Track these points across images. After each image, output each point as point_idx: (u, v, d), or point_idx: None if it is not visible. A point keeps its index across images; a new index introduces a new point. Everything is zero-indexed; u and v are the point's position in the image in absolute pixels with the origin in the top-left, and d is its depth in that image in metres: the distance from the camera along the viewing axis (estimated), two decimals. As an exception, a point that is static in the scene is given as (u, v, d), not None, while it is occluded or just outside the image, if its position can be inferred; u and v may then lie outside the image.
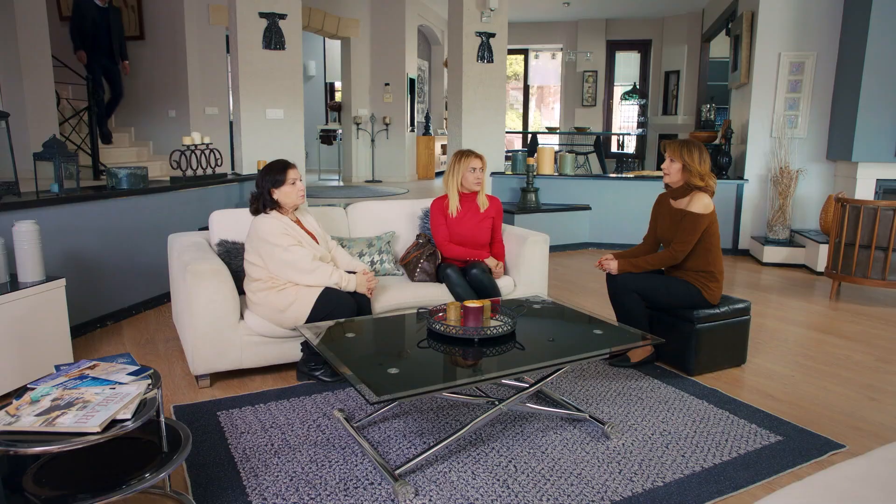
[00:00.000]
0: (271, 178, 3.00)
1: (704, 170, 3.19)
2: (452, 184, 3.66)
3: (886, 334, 3.96)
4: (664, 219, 3.36)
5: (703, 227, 3.17)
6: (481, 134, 6.82)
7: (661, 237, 3.39)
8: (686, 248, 3.18)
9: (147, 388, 1.84)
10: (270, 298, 2.97)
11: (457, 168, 3.64)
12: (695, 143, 3.24)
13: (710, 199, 3.20)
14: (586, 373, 3.23)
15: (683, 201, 3.25)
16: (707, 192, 3.20)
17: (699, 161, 3.18)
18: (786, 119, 6.16)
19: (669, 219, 3.31)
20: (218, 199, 5.11)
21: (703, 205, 3.16)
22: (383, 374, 2.21)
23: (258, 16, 5.66)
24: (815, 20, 5.98)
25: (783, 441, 2.53)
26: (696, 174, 3.18)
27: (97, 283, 3.88)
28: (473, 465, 2.32)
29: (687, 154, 3.19)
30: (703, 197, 3.18)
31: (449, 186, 3.68)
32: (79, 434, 1.55)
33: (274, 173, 3.01)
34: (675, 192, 3.29)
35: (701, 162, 3.18)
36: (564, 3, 10.62)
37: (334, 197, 8.18)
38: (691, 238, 3.17)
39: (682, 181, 3.24)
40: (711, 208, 3.19)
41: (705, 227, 3.17)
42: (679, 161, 3.21)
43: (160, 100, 7.99)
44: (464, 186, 3.66)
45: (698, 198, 3.18)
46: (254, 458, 2.37)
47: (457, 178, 3.64)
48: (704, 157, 3.20)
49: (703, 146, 3.25)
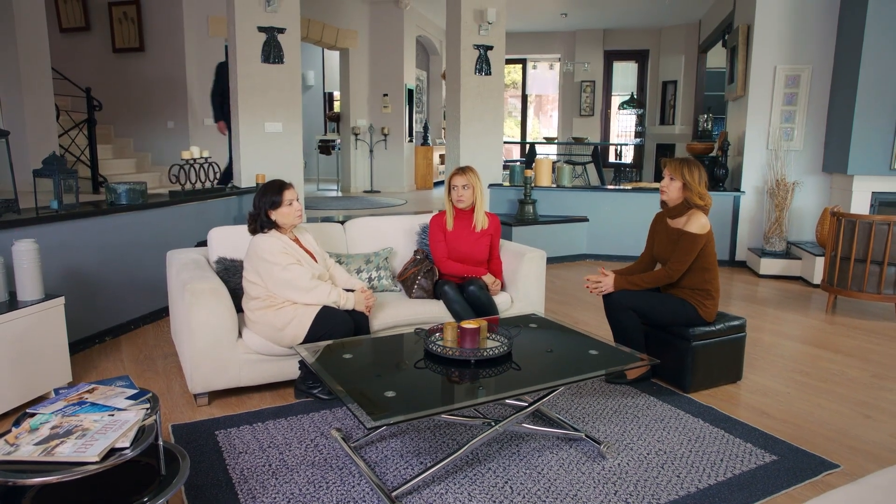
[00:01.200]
0: (268, 199, 3.02)
1: (703, 189, 3.23)
2: (447, 200, 3.73)
3: (881, 349, 3.98)
4: (661, 238, 3.38)
5: (700, 247, 3.19)
6: (479, 145, 6.85)
7: (657, 256, 3.42)
8: (682, 268, 3.21)
9: (145, 413, 1.85)
10: (269, 317, 2.98)
11: (447, 186, 3.72)
12: (694, 161, 3.28)
13: (706, 218, 3.22)
14: (583, 390, 3.24)
15: (681, 220, 3.27)
16: (704, 210, 3.23)
17: (699, 179, 3.21)
18: (782, 131, 6.20)
19: (666, 238, 3.33)
20: (217, 214, 5.13)
21: (700, 225, 3.19)
22: (380, 397, 2.22)
23: (257, 30, 5.69)
24: (810, 34, 6.03)
25: (778, 461, 2.55)
26: (695, 192, 3.21)
27: (96, 298, 3.89)
28: (470, 486, 2.33)
29: (688, 172, 3.21)
30: (701, 217, 3.21)
31: (445, 203, 3.74)
32: (78, 464, 1.56)
33: (271, 194, 3.02)
34: (672, 211, 3.31)
35: (700, 181, 3.22)
36: (562, 14, 10.68)
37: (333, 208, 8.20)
38: (688, 258, 3.19)
39: (680, 199, 3.26)
40: (708, 228, 3.22)
41: (702, 246, 3.20)
42: (679, 179, 3.23)
43: (159, 111, 8.02)
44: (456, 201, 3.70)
45: (696, 217, 3.20)
46: (252, 479, 2.38)
47: (454, 193, 3.69)
48: (703, 175, 3.24)
49: (701, 165, 3.28)
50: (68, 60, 7.76)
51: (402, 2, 10.08)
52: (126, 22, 7.89)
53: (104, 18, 7.97)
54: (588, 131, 12.07)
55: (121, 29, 7.93)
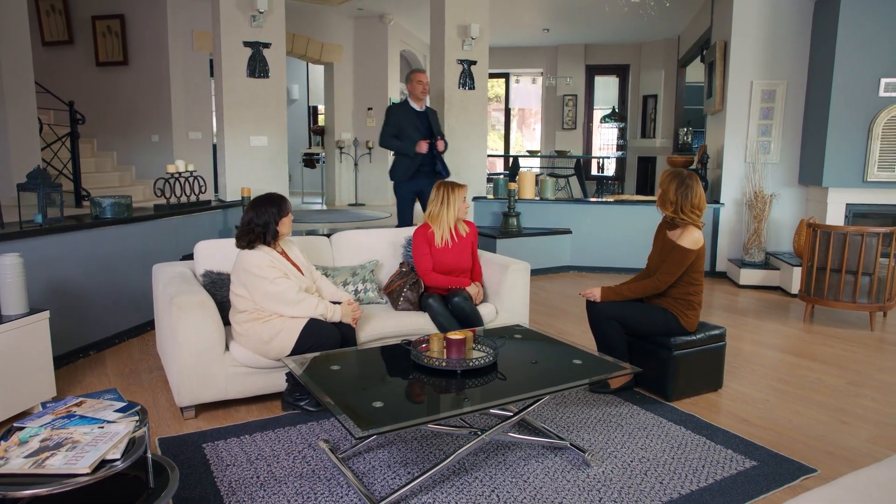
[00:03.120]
0: (277, 209, 3.05)
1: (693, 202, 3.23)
2: (448, 215, 3.70)
3: (857, 357, 4.08)
4: (657, 246, 3.45)
5: (690, 262, 3.25)
6: (463, 159, 6.92)
7: (650, 263, 3.48)
8: (670, 280, 3.26)
9: (135, 425, 1.87)
10: (256, 329, 3.00)
11: (452, 199, 3.69)
12: (679, 173, 3.28)
13: (700, 234, 3.26)
14: (567, 400, 3.29)
15: (676, 233, 3.31)
16: (697, 225, 3.26)
17: (674, 191, 3.24)
18: (759, 145, 6.34)
19: (662, 247, 3.38)
20: (202, 227, 5.13)
21: (693, 240, 3.23)
22: (368, 408, 2.25)
23: (242, 45, 5.73)
24: (785, 50, 6.20)
25: (757, 466, 2.61)
26: (667, 202, 3.26)
27: (80, 312, 3.87)
28: (457, 495, 2.36)
29: (667, 182, 3.27)
30: (695, 232, 3.24)
31: (441, 219, 3.70)
32: (69, 476, 1.57)
33: (279, 203, 3.06)
34: (670, 223, 3.35)
35: (680, 194, 3.23)
36: (544, 30, 10.85)
37: (318, 221, 8.21)
38: (677, 270, 3.25)
39: (665, 210, 3.31)
40: (701, 244, 3.25)
41: (692, 261, 3.26)
42: (660, 188, 3.31)
43: (143, 124, 8.01)
44: (457, 217, 3.73)
45: (689, 232, 3.24)
46: (240, 491, 2.39)
47: (453, 209, 3.70)
48: (691, 189, 3.23)
49: (696, 179, 3.27)
50: (51, 74, 7.72)
51: (387, 17, 10.17)
52: (110, 36, 7.89)
53: (87, 32, 7.96)
54: (571, 144, 12.22)
55: (104, 42, 7.92)
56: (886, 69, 5.42)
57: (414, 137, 5.47)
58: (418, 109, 5.58)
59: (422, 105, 5.62)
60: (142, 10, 7.80)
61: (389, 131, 5.57)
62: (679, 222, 3.28)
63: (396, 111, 5.64)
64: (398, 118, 5.54)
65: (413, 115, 5.56)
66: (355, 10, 9.79)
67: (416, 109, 5.58)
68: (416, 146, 5.44)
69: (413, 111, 5.57)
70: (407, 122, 5.52)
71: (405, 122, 5.52)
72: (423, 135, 5.50)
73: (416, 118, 5.55)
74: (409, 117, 5.54)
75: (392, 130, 5.56)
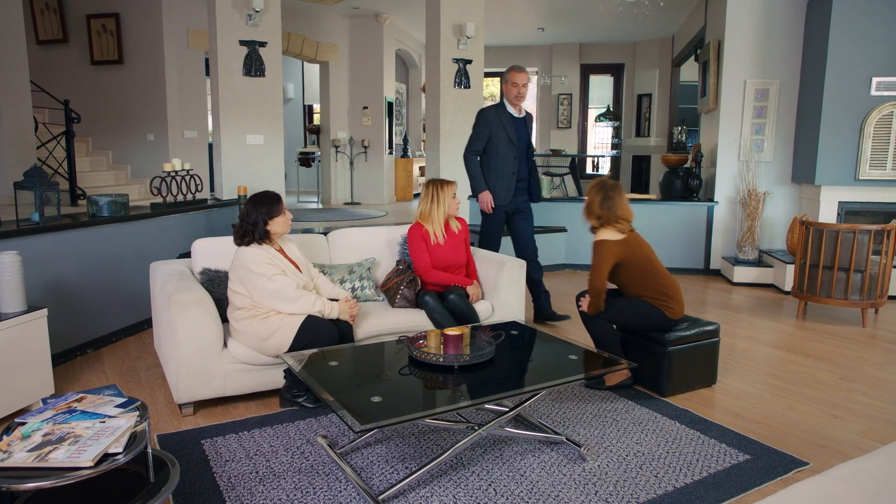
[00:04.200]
0: (267, 208, 3.06)
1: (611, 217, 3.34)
2: (439, 213, 3.74)
3: (849, 353, 4.13)
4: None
5: (608, 256, 3.30)
6: (459, 158, 6.90)
7: None
8: (594, 276, 3.32)
9: (136, 420, 1.88)
10: (254, 326, 3.02)
11: (442, 197, 3.74)
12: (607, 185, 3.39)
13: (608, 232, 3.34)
14: (563, 395, 3.32)
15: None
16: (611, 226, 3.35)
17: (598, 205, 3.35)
18: (752, 143, 6.39)
19: None
20: (199, 226, 5.14)
21: (603, 236, 3.34)
22: (367, 402, 2.27)
23: (238, 43, 5.74)
24: (778, 49, 6.25)
25: (751, 460, 2.64)
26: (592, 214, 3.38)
27: (77, 310, 3.88)
28: (455, 489, 2.39)
29: (592, 194, 3.40)
30: (604, 230, 3.35)
31: (433, 217, 3.74)
32: (72, 469, 1.59)
33: (269, 204, 3.07)
34: None
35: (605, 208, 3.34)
36: (539, 29, 10.88)
37: (314, 220, 8.22)
38: (596, 265, 3.32)
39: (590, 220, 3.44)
40: (615, 239, 3.32)
41: (611, 255, 3.30)
42: (586, 198, 3.46)
43: (138, 123, 8.01)
44: (448, 213, 3.76)
45: (601, 230, 3.37)
46: (239, 486, 2.41)
47: (443, 206, 3.73)
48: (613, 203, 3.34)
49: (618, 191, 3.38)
50: (46, 73, 7.72)
51: (382, 16, 10.19)
52: (105, 34, 7.88)
53: (82, 31, 7.95)
54: (565, 143, 12.27)
55: (99, 41, 7.92)
56: (878, 68, 5.47)
57: (502, 152, 4.53)
58: (516, 115, 4.58)
59: (520, 110, 4.62)
60: (137, 9, 7.79)
61: (475, 140, 4.59)
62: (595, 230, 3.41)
63: (488, 115, 4.59)
64: (487, 124, 4.56)
65: (509, 121, 4.54)
66: (351, 9, 9.81)
67: (514, 115, 4.57)
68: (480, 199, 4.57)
69: (509, 117, 4.55)
70: (498, 130, 4.53)
71: (496, 130, 4.53)
72: (515, 148, 4.55)
73: (511, 126, 4.54)
74: (503, 124, 4.53)
75: (479, 140, 4.57)
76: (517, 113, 4.59)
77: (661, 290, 3.36)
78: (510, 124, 4.54)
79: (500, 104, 4.62)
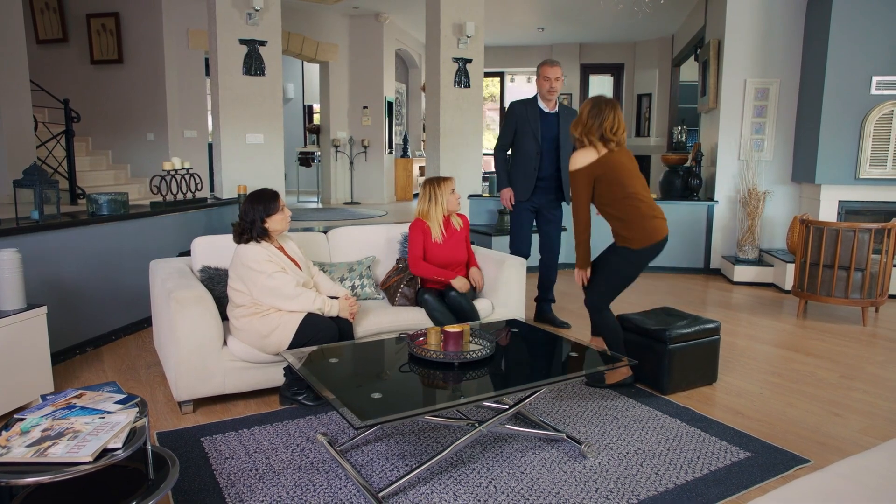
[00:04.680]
0: (264, 206, 3.05)
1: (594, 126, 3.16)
2: (438, 211, 3.72)
3: (849, 351, 4.12)
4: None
5: (580, 184, 3.21)
6: (459, 157, 6.94)
7: None
8: (575, 204, 3.30)
9: (136, 416, 1.88)
10: (254, 324, 3.01)
11: (439, 194, 3.72)
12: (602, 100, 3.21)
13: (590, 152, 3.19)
14: (563, 393, 3.31)
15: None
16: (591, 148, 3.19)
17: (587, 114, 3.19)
18: (752, 143, 6.39)
19: None
20: (198, 224, 5.14)
21: (576, 162, 3.21)
22: (367, 399, 2.27)
23: (238, 42, 5.74)
24: (778, 48, 6.24)
25: (752, 457, 2.64)
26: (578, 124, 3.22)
27: (77, 309, 3.88)
28: (455, 486, 2.38)
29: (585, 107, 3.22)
30: (582, 152, 3.21)
31: (433, 215, 3.72)
32: (71, 464, 1.59)
33: (267, 201, 3.07)
34: None
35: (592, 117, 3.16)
36: (539, 29, 10.88)
37: (313, 220, 8.22)
38: (574, 192, 3.28)
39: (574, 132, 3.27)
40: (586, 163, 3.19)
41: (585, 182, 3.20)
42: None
43: (138, 123, 8.00)
44: (448, 210, 3.75)
45: (577, 153, 3.23)
46: (238, 483, 2.40)
47: (441, 204, 3.72)
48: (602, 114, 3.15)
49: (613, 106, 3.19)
50: (45, 72, 7.71)
51: (382, 15, 10.19)
52: (105, 34, 7.88)
53: (82, 30, 7.95)
54: (565, 143, 12.25)
55: (99, 41, 7.91)
56: (878, 67, 5.47)
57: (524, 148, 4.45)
58: (547, 111, 4.47)
59: (553, 105, 4.48)
60: (137, 8, 7.79)
61: (501, 135, 4.57)
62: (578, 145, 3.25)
63: (516, 110, 4.52)
64: (513, 118, 4.50)
65: (536, 116, 4.44)
66: (351, 8, 9.81)
67: (544, 110, 4.47)
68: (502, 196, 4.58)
69: (538, 112, 4.45)
70: (524, 125, 4.43)
71: (522, 125, 4.44)
72: (543, 143, 4.44)
73: (538, 121, 4.44)
74: (531, 120, 4.43)
75: (505, 135, 4.55)
76: (549, 108, 4.48)
77: (620, 216, 3.26)
78: (537, 120, 4.45)
79: (533, 99, 4.54)
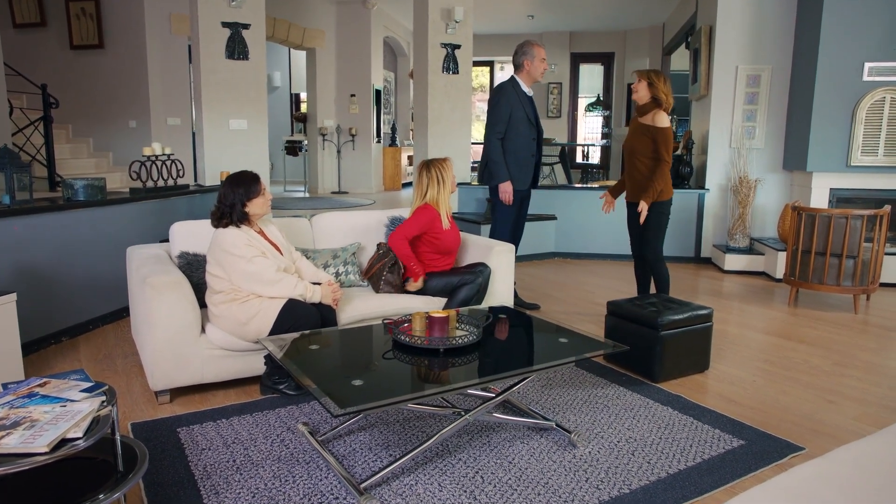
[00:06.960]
0: (244, 189, 2.94)
1: (667, 89, 3.90)
2: (446, 195, 3.59)
3: (842, 338, 4.07)
4: (633, 133, 4.06)
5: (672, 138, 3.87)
6: (447, 144, 6.84)
7: (628, 148, 4.11)
8: (669, 159, 3.88)
9: (101, 405, 1.77)
10: (233, 310, 2.90)
11: (446, 177, 3.58)
12: (659, 70, 4.14)
13: (665, 114, 3.90)
14: (553, 381, 3.23)
15: (648, 117, 3.94)
16: (665, 110, 3.90)
17: (662, 80, 3.92)
18: (744, 130, 6.32)
19: (638, 132, 4.00)
20: (180, 212, 5.00)
21: (665, 119, 3.89)
22: (348, 386, 2.17)
23: (221, 25, 5.59)
24: (770, 35, 6.17)
25: (745, 445, 2.57)
26: (660, 89, 3.88)
27: (51, 297, 3.75)
28: (440, 476, 2.30)
29: (654, 74, 3.94)
30: (663, 114, 3.89)
31: (441, 201, 3.57)
32: (25, 455, 1.48)
33: (248, 184, 2.95)
34: (641, 109, 3.98)
35: (663, 81, 3.92)
36: (529, 16, 10.77)
37: (300, 208, 8.09)
38: (668, 146, 3.86)
39: (648, 97, 3.93)
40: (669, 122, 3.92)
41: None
42: (645, 79, 3.93)
43: (120, 110, 7.82)
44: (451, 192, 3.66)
45: (660, 115, 3.88)
46: (215, 475, 2.30)
47: (448, 187, 3.60)
48: (667, 80, 3.96)
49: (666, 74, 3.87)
50: (23, 57, 7.52)
51: (370, 2, 10.03)
52: (84, 18, 7.68)
53: (61, 14, 7.75)
54: (556, 132, 12.17)
55: (78, 25, 7.71)
56: (870, 53, 5.41)
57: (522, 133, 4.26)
58: (529, 93, 4.37)
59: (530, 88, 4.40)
60: (117, -8, 7.60)
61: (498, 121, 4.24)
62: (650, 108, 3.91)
63: (509, 92, 4.26)
64: (509, 102, 4.25)
65: (526, 100, 4.31)
66: (338, -6, 9.65)
67: (528, 94, 4.36)
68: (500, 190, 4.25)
69: (525, 95, 4.32)
70: (518, 109, 4.27)
71: (516, 109, 4.26)
72: (533, 128, 4.35)
73: (528, 106, 4.31)
74: (524, 103, 4.29)
75: (502, 121, 4.24)
76: (529, 91, 4.36)
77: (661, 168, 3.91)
78: (527, 103, 4.29)
79: (514, 80, 4.32)
